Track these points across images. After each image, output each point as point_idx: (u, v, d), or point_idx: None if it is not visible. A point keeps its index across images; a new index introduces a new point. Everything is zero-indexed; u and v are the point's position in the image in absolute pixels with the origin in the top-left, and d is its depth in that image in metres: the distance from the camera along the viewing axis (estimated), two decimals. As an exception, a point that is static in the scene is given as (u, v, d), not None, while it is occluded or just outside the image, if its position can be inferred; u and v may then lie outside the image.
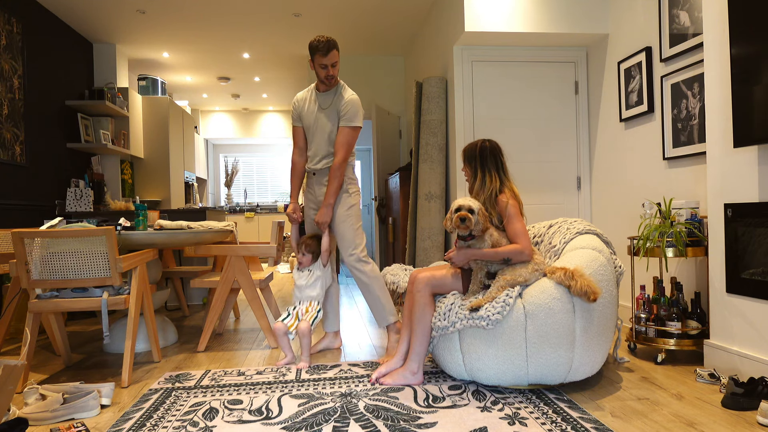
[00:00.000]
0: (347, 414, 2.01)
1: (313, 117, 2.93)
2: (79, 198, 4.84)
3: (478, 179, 2.47)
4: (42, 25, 4.67)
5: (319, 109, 2.91)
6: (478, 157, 2.47)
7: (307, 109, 2.95)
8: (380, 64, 6.43)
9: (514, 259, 2.30)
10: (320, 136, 2.90)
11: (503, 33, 3.87)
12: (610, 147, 3.92)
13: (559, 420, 1.92)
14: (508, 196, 2.38)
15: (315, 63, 2.82)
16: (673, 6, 3.15)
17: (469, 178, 2.52)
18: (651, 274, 3.32)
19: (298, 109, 2.99)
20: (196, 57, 6.39)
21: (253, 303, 3.10)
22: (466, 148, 2.54)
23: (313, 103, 2.94)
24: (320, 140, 2.90)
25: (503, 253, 2.29)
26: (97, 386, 2.21)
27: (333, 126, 2.88)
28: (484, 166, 2.46)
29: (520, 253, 2.30)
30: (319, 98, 2.92)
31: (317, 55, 2.78)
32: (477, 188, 2.47)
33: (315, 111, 2.92)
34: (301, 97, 3.00)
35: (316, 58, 2.79)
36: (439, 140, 4.29)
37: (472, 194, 2.50)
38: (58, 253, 2.44)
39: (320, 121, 2.90)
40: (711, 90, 2.51)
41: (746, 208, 2.31)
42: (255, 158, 10.37)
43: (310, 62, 2.86)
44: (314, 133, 2.93)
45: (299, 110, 2.98)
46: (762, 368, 2.22)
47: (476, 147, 2.49)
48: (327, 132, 2.88)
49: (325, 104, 2.90)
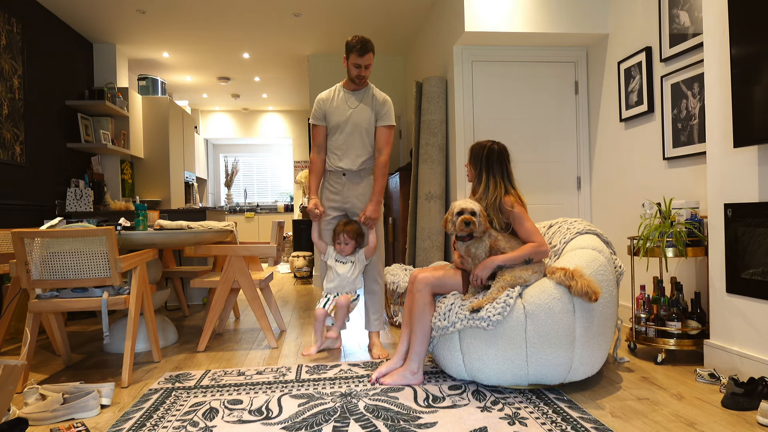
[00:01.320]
0: (347, 414, 2.01)
1: (343, 115, 2.91)
2: (79, 198, 4.84)
3: (482, 184, 2.43)
4: (42, 25, 4.67)
5: (350, 108, 2.91)
6: (484, 160, 2.42)
7: (336, 108, 2.93)
8: (380, 64, 6.43)
9: (535, 258, 2.30)
10: (355, 135, 2.90)
11: (503, 33, 3.87)
12: (610, 147, 3.92)
13: (559, 420, 1.92)
14: (512, 201, 2.36)
15: (349, 61, 2.84)
16: (673, 6, 3.15)
17: (472, 178, 2.50)
18: (651, 274, 3.32)
19: (323, 108, 2.96)
20: (196, 57, 6.39)
21: (253, 303, 3.10)
22: (475, 147, 2.48)
23: (342, 101, 2.93)
24: (355, 139, 2.90)
25: (524, 254, 2.28)
26: (97, 386, 2.21)
27: (369, 125, 2.91)
28: (489, 170, 2.42)
29: (538, 251, 2.29)
30: (348, 97, 2.93)
31: (353, 54, 2.80)
32: (480, 193, 2.43)
33: (346, 109, 2.91)
34: (326, 97, 2.98)
35: (351, 57, 2.81)
36: (439, 140, 4.29)
37: (474, 196, 2.47)
38: (58, 253, 2.44)
39: (354, 120, 2.90)
40: (711, 90, 2.50)
41: (746, 208, 2.31)
42: (255, 158, 10.37)
43: (344, 59, 2.88)
44: (345, 132, 2.91)
45: (324, 109, 2.96)
46: (762, 368, 2.22)
47: (484, 149, 2.44)
48: (363, 130, 2.91)
49: (354, 103, 2.91)
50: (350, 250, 2.82)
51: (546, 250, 2.31)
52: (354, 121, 2.89)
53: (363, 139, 2.91)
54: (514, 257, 2.28)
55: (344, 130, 2.91)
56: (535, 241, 2.30)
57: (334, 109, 2.93)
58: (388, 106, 2.93)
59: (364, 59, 2.80)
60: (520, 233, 2.35)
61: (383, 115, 2.91)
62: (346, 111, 2.91)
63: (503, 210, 2.37)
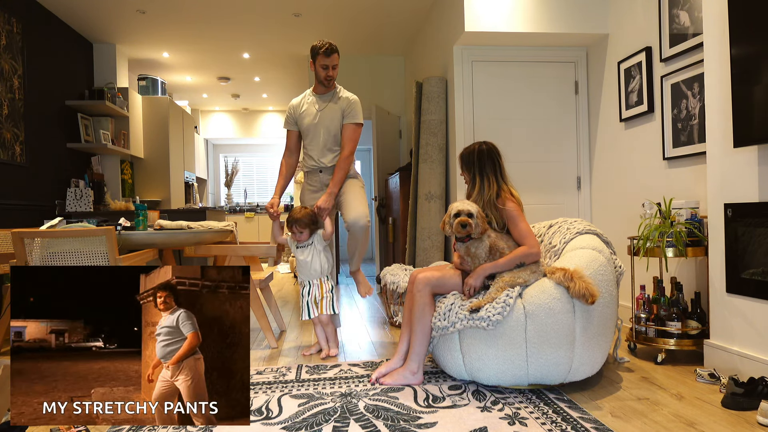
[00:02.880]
0: (347, 414, 2.01)
1: (313, 118, 3.06)
2: (79, 198, 4.84)
3: (476, 185, 2.45)
4: (42, 25, 4.67)
5: (319, 110, 3.06)
6: (476, 162, 2.45)
7: (306, 111, 3.09)
8: (380, 64, 6.43)
9: (526, 261, 2.31)
10: (325, 134, 3.05)
11: (503, 33, 3.87)
12: (610, 147, 3.92)
13: (559, 420, 1.92)
14: (506, 198, 2.38)
15: (316, 64, 2.98)
16: (673, 6, 3.15)
17: (469, 183, 2.51)
18: (651, 274, 3.32)
19: (294, 115, 3.14)
20: (196, 57, 6.39)
21: (253, 303, 3.10)
22: (463, 153, 2.52)
23: (312, 105, 3.09)
24: (326, 138, 3.06)
25: (515, 259, 2.30)
26: (97, 386, 2.21)
27: (338, 123, 3.06)
28: (482, 170, 2.44)
29: (529, 254, 2.30)
30: (317, 100, 3.09)
31: (319, 56, 2.95)
32: (475, 195, 2.44)
33: (315, 112, 3.07)
34: (296, 103, 3.15)
35: (318, 59, 2.96)
36: (439, 140, 4.29)
37: (470, 199, 2.47)
38: (58, 253, 2.44)
39: (324, 121, 3.05)
40: (711, 90, 2.50)
41: (746, 208, 2.31)
42: (255, 158, 10.37)
43: (311, 63, 3.02)
44: (317, 133, 3.06)
45: (295, 115, 3.13)
46: (762, 368, 2.22)
47: (474, 152, 2.47)
48: (333, 130, 3.05)
49: (322, 105, 3.06)
50: (306, 237, 2.88)
51: (537, 252, 2.31)
52: (322, 122, 3.04)
53: (334, 137, 3.06)
54: (504, 263, 2.31)
55: (315, 131, 3.06)
56: (527, 243, 2.31)
57: (303, 113, 3.10)
58: (353, 105, 3.06)
59: (331, 59, 2.96)
60: (514, 234, 2.37)
61: (348, 113, 3.06)
62: (314, 113, 3.06)
63: (498, 209, 2.39)
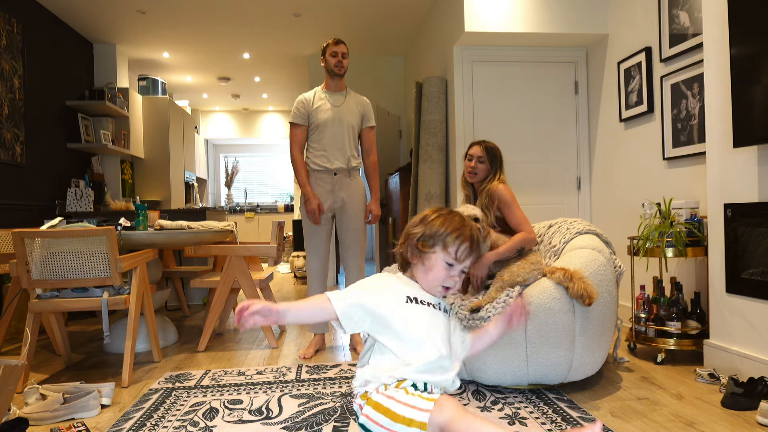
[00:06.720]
0: (347, 414, 2.01)
1: (328, 113, 2.95)
2: (79, 198, 4.84)
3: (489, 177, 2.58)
4: (42, 25, 4.67)
5: (333, 108, 2.97)
6: (498, 158, 2.61)
7: (320, 107, 2.97)
8: (380, 64, 6.43)
9: (526, 247, 2.39)
10: (343, 134, 2.96)
11: (503, 33, 3.87)
12: (610, 147, 3.92)
13: (559, 420, 1.92)
14: (497, 183, 2.51)
15: (327, 54, 2.97)
16: (673, 6, 3.15)
17: (479, 172, 2.58)
18: (651, 274, 3.32)
19: (307, 108, 2.98)
20: (196, 57, 6.39)
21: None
22: (492, 146, 2.62)
23: (326, 101, 2.99)
24: (343, 139, 2.96)
25: (515, 245, 2.37)
26: (97, 386, 2.21)
27: (357, 125, 3.03)
28: (499, 167, 2.60)
29: (528, 240, 2.40)
30: (330, 97, 3.00)
31: (329, 46, 2.96)
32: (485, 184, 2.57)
33: (330, 108, 2.96)
34: (308, 98, 3.01)
35: (329, 48, 2.96)
36: (439, 140, 4.29)
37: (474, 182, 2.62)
38: (58, 253, 2.44)
39: (341, 119, 2.96)
40: (711, 90, 2.51)
41: (746, 208, 2.31)
42: (255, 158, 10.37)
43: (321, 59, 3.01)
44: (332, 131, 2.95)
45: (308, 109, 2.98)
46: (762, 368, 2.22)
47: (497, 148, 2.63)
48: (351, 130, 3.00)
49: (338, 101, 3.00)
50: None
51: (534, 237, 2.45)
52: (340, 119, 2.96)
53: (350, 136, 2.99)
54: (506, 250, 2.36)
55: (330, 129, 2.94)
56: (524, 229, 2.43)
57: (318, 108, 2.97)
58: (370, 108, 3.10)
59: (340, 47, 2.95)
60: (510, 221, 2.47)
61: (368, 117, 3.07)
62: (330, 109, 2.96)
63: (493, 197, 2.49)
